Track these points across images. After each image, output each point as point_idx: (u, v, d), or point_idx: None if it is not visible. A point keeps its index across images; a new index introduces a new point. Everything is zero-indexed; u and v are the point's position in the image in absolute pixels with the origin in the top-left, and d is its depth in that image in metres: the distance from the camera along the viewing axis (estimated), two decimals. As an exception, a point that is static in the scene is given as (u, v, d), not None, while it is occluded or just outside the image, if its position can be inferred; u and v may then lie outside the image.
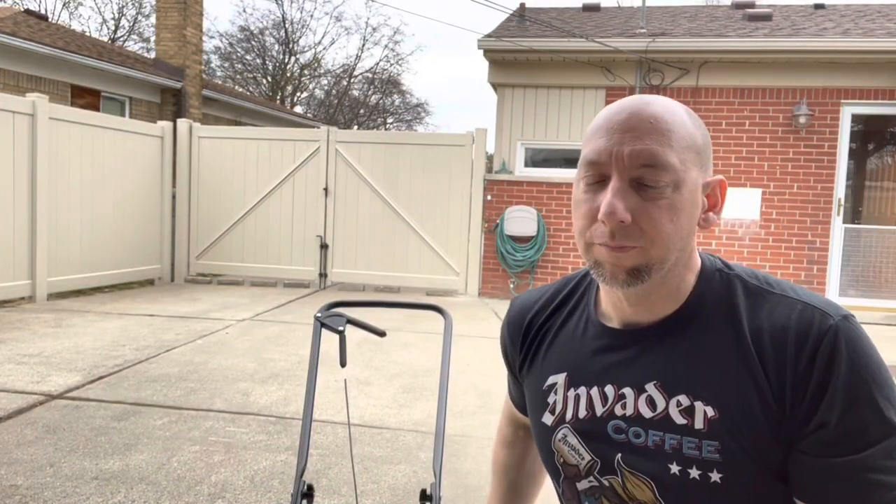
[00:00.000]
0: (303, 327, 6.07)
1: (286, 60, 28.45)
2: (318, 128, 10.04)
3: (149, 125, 8.69)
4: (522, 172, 8.52)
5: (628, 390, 0.82)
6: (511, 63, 8.41)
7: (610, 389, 0.84)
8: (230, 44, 27.43)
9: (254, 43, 27.67)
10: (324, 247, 8.65)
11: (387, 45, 39.29)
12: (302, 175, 8.68)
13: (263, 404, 3.85)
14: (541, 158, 8.68)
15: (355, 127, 28.90)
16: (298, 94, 29.79)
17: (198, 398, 3.91)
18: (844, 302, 7.79)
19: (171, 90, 12.06)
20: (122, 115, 11.26)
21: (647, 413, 0.80)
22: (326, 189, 8.60)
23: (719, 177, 0.83)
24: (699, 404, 0.77)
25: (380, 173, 8.53)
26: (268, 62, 28.21)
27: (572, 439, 0.87)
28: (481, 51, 8.33)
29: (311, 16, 43.46)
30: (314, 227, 8.68)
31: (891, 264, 7.80)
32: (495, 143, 8.64)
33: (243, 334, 5.71)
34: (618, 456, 0.82)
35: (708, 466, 0.76)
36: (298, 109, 28.55)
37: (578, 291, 0.96)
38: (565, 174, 8.35)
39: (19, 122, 6.62)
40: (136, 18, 24.74)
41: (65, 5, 23.83)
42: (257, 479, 2.87)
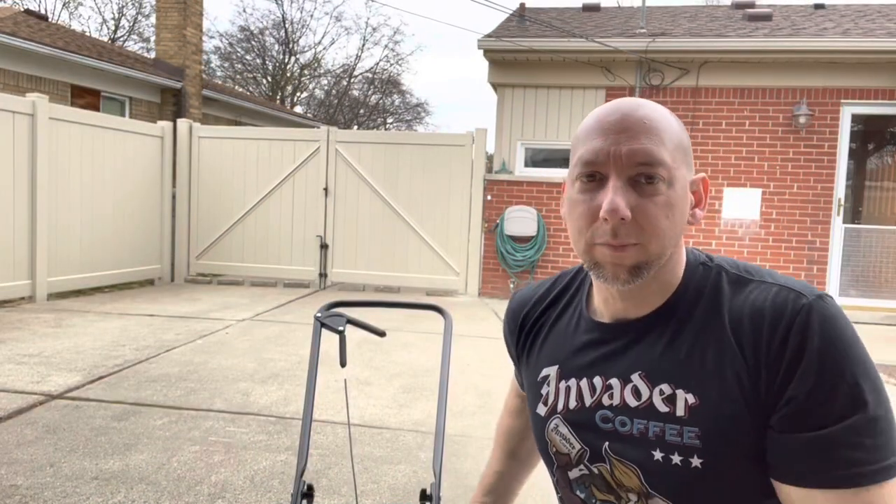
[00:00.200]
0: (303, 327, 6.07)
1: (286, 60, 28.47)
2: (318, 128, 10.04)
3: (149, 125, 8.69)
4: (522, 172, 8.52)
5: (615, 381, 0.85)
6: (511, 63, 8.42)
7: (598, 381, 0.87)
8: (230, 44, 27.48)
9: (254, 43, 27.69)
10: (324, 247, 8.65)
11: (387, 45, 39.34)
12: (302, 175, 8.68)
13: (263, 404, 3.85)
14: (541, 158, 8.68)
15: (355, 127, 28.91)
16: (298, 94, 29.81)
17: (198, 398, 3.91)
18: (845, 302, 7.79)
19: (171, 90, 12.06)
20: (122, 115, 11.26)
21: (633, 402, 0.83)
22: (326, 189, 8.60)
23: (702, 174, 0.88)
24: (680, 392, 0.80)
25: (380, 173, 8.53)
26: (268, 62, 28.23)
27: (563, 429, 0.91)
28: (481, 51, 8.33)
29: (311, 16, 43.52)
30: (314, 227, 8.68)
31: (891, 264, 7.80)
32: (495, 143, 8.64)
33: (243, 334, 5.71)
34: (605, 444, 0.85)
35: (689, 452, 0.78)
36: (298, 109, 28.55)
37: (572, 288, 1.00)
38: (565, 174, 8.30)
39: (19, 122, 6.62)
40: (136, 18, 24.78)
41: (65, 5, 23.85)
42: (257, 479, 2.87)
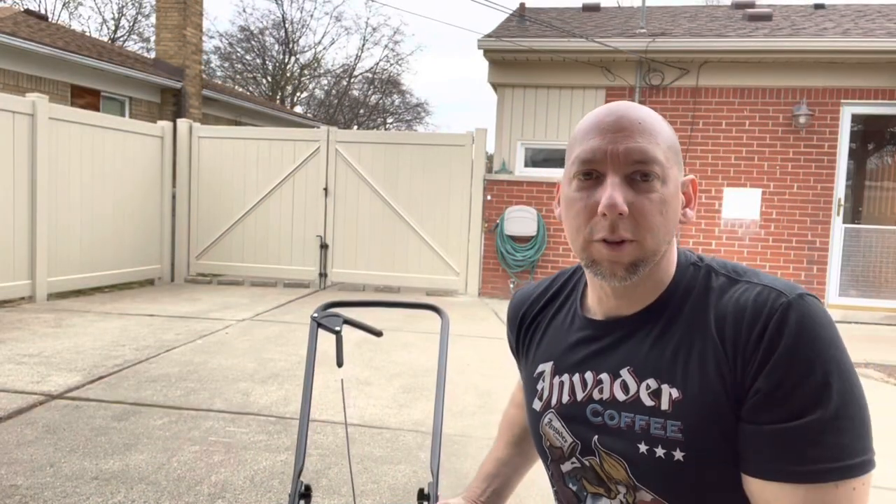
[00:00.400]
0: (303, 327, 6.08)
1: (286, 60, 28.46)
2: (318, 128, 10.04)
3: (149, 125, 8.69)
4: (522, 172, 8.52)
5: (605, 376, 0.88)
6: (511, 63, 8.42)
7: (589, 376, 0.90)
8: (230, 44, 27.47)
9: (254, 43, 27.69)
10: (324, 247, 8.65)
11: (387, 45, 39.31)
12: (302, 175, 8.68)
13: (263, 404, 3.86)
14: (541, 158, 8.68)
15: (355, 127, 28.90)
16: (298, 94, 29.80)
17: (198, 398, 3.91)
18: (844, 302, 7.79)
19: (171, 90, 12.06)
20: (122, 115, 11.26)
21: (621, 396, 0.86)
22: (326, 189, 8.61)
23: (691, 176, 0.91)
24: (665, 387, 0.82)
25: (380, 173, 8.53)
26: (268, 62, 28.23)
27: (556, 423, 0.93)
28: (481, 51, 8.33)
29: (311, 16, 43.52)
30: (314, 227, 8.68)
31: (891, 264, 7.80)
32: (495, 143, 8.64)
33: (243, 334, 5.71)
34: (595, 437, 0.88)
35: (671, 445, 0.80)
36: (298, 109, 28.55)
37: (568, 286, 1.03)
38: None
39: (19, 122, 6.62)
40: (136, 18, 24.78)
41: (65, 5, 23.85)
42: (257, 479, 2.87)
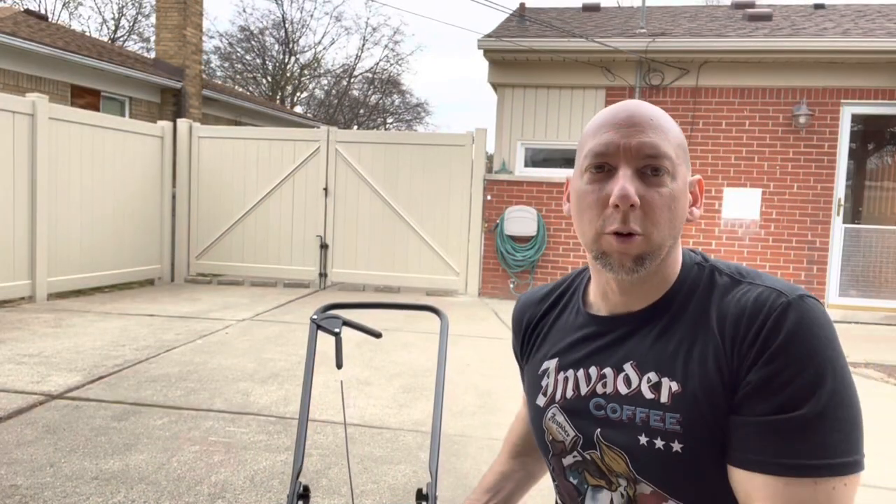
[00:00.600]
0: (303, 327, 6.08)
1: (286, 60, 28.46)
2: (318, 128, 10.04)
3: (149, 125, 8.69)
4: (522, 172, 8.52)
5: (609, 370, 0.90)
6: (511, 63, 8.42)
7: (594, 370, 0.92)
8: (230, 44, 27.47)
9: (254, 43, 27.69)
10: (324, 247, 8.65)
11: (387, 45, 39.30)
12: (302, 175, 8.68)
13: (263, 404, 3.86)
14: (541, 158, 8.68)
15: (355, 127, 28.90)
16: (298, 94, 29.80)
17: (198, 398, 3.91)
18: (844, 302, 7.79)
19: (171, 90, 12.06)
20: (122, 115, 11.26)
21: (624, 390, 0.87)
22: (326, 189, 8.61)
23: (698, 176, 0.94)
24: (665, 380, 0.84)
25: (380, 173, 8.53)
26: (268, 62, 28.23)
27: (560, 417, 0.95)
28: (481, 51, 8.33)
29: (311, 16, 43.49)
30: (314, 227, 8.69)
31: (891, 264, 7.80)
32: (495, 143, 8.64)
33: (243, 334, 5.71)
34: (597, 431, 0.89)
35: (670, 437, 0.82)
36: (298, 109, 28.55)
37: (572, 288, 1.05)
38: (565, 174, 8.32)
39: (19, 122, 6.62)
40: (136, 18, 24.79)
41: (65, 5, 23.86)
42: (257, 479, 2.87)
